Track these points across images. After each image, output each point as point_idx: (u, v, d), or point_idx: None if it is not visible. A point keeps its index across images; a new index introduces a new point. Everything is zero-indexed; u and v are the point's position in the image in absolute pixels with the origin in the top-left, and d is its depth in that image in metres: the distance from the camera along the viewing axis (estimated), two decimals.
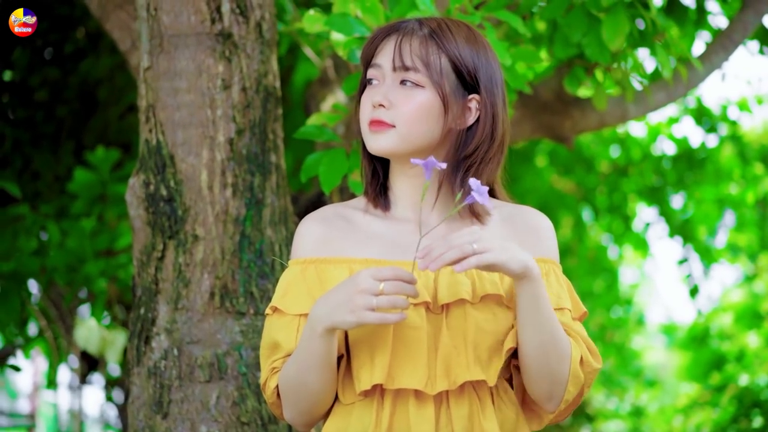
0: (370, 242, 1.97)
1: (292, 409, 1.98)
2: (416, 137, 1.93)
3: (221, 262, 2.70)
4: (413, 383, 1.88)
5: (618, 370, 11.34)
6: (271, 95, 2.84)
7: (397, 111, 1.93)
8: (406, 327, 1.88)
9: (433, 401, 1.89)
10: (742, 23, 4.00)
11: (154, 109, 2.77)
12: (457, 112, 1.96)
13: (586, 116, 4.16)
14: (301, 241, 2.01)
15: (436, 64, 1.93)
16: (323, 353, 1.88)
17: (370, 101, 1.96)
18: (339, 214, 2.03)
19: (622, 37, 3.04)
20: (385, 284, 1.79)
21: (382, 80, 1.96)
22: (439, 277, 1.92)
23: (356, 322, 1.80)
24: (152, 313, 2.71)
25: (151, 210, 2.72)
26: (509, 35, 3.24)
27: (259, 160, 2.77)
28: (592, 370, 1.98)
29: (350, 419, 1.93)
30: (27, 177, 5.57)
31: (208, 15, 2.75)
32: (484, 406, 1.92)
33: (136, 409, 2.71)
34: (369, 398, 1.92)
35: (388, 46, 1.96)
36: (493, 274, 1.93)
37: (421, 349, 1.89)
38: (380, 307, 1.78)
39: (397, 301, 1.78)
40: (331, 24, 2.73)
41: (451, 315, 1.90)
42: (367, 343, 1.90)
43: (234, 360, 2.67)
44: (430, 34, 1.95)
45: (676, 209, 7.97)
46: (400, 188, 2.02)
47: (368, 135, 1.96)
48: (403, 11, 2.72)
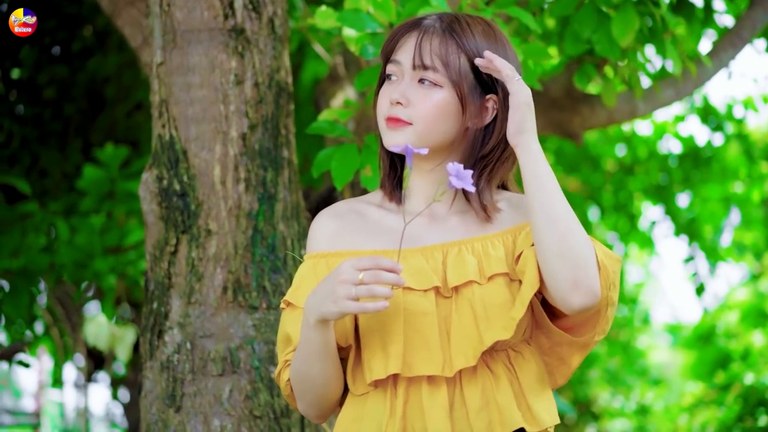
0: (381, 235, 1.99)
1: (302, 400, 2.01)
2: (433, 136, 1.95)
3: (234, 257, 2.71)
4: (430, 369, 1.89)
5: (623, 369, 11.33)
6: (284, 90, 2.85)
7: (415, 109, 1.94)
8: (416, 314, 1.90)
9: (446, 384, 1.91)
10: (750, 20, 4.01)
11: (168, 105, 2.78)
12: (475, 112, 1.97)
13: (596, 113, 4.17)
14: (314, 237, 2.04)
15: (455, 63, 1.94)
16: (320, 344, 1.90)
17: (387, 98, 1.97)
18: (352, 209, 2.05)
19: (632, 34, 3.05)
20: (365, 274, 1.80)
21: (401, 77, 1.97)
22: (447, 259, 1.94)
23: (339, 312, 1.83)
24: (165, 308, 2.72)
25: (164, 205, 2.73)
26: (519, 31, 3.25)
27: (272, 155, 2.79)
28: (615, 260, 1.95)
29: (364, 410, 1.95)
30: (35, 174, 5.59)
31: (221, 10, 2.77)
32: (497, 379, 1.92)
33: (149, 403, 2.72)
34: (382, 388, 1.93)
35: (409, 43, 1.97)
36: (498, 254, 1.94)
37: (433, 335, 1.90)
38: (359, 296, 1.80)
39: (377, 290, 1.79)
40: (343, 20, 2.74)
41: (460, 297, 1.92)
42: (378, 332, 1.92)
43: (247, 354, 2.68)
44: (450, 33, 1.96)
45: (681, 208, 7.97)
46: (415, 183, 2.03)
47: (385, 131, 1.97)
48: (414, 8, 2.73)
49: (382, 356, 1.91)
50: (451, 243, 1.96)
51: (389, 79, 2.00)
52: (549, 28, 3.72)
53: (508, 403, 1.91)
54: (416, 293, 1.91)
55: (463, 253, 1.94)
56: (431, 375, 1.90)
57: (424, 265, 1.93)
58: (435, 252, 1.95)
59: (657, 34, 3.29)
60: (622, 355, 11.29)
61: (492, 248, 1.95)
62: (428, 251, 1.95)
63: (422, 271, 1.92)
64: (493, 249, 1.95)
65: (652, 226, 8.53)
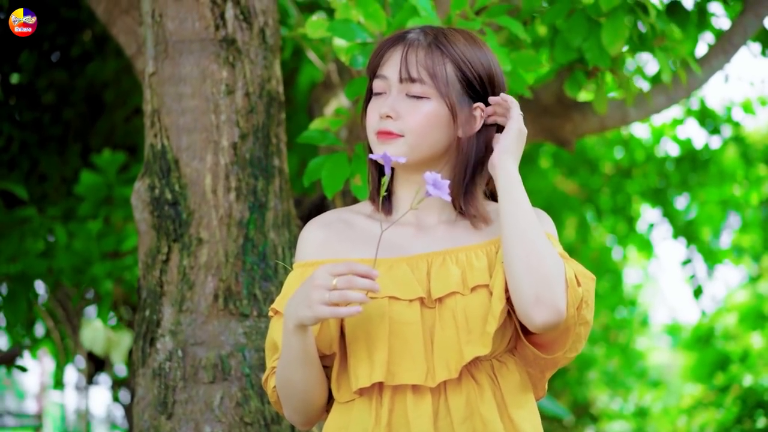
0: (368, 244, 2.01)
1: (287, 406, 2.04)
2: (424, 147, 1.98)
3: (225, 265, 2.74)
4: (413, 378, 1.92)
5: (622, 371, 11.34)
6: (275, 100, 2.88)
7: (405, 122, 1.97)
8: (402, 323, 1.93)
9: (431, 393, 1.93)
10: (742, 26, 4.03)
11: (159, 114, 2.81)
12: (464, 121, 2.00)
13: (587, 119, 4.19)
14: (303, 245, 2.07)
15: (442, 74, 1.97)
16: (299, 349, 1.93)
17: (377, 112, 2.00)
18: (341, 218, 2.08)
19: (622, 42, 3.07)
20: (339, 279, 1.83)
21: (389, 91, 2.00)
22: (431, 269, 1.96)
23: (314, 317, 1.85)
24: (157, 315, 2.75)
25: (156, 213, 2.76)
26: (510, 40, 3.27)
27: (263, 164, 2.81)
28: (589, 278, 1.97)
29: (350, 418, 1.97)
30: (34, 179, 5.61)
31: (212, 21, 2.79)
32: (482, 391, 1.95)
33: (141, 410, 2.75)
34: (367, 396, 1.96)
35: (394, 57, 2.00)
36: (481, 265, 1.97)
37: (417, 344, 1.93)
38: (333, 301, 1.83)
39: (350, 296, 1.82)
40: (334, 30, 2.76)
41: (444, 307, 1.94)
42: (364, 341, 1.95)
43: (237, 361, 2.71)
44: (435, 44, 1.99)
45: (679, 210, 7.98)
46: (404, 193, 2.06)
47: (376, 144, 2.00)
48: (404, 18, 2.75)
49: (368, 364, 1.93)
50: (436, 253, 1.98)
51: (377, 95, 2.03)
52: (540, 35, 3.74)
53: (492, 414, 1.93)
54: (402, 303, 1.94)
55: (447, 263, 1.97)
56: (416, 384, 1.93)
57: (410, 276, 1.96)
58: (420, 262, 1.97)
59: (647, 42, 3.31)
60: (620, 356, 11.30)
61: (476, 258, 1.97)
62: (413, 261, 1.98)
63: (408, 281, 1.95)
64: (476, 259, 1.97)
65: (651, 229, 8.54)
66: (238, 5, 2.82)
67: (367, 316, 1.93)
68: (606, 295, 10.00)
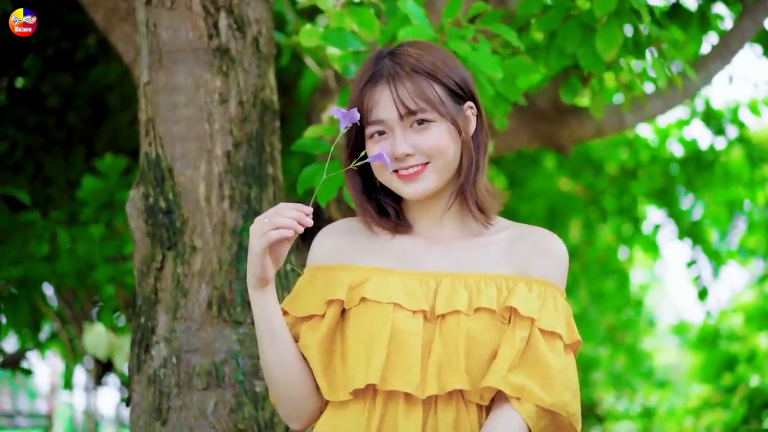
0: (377, 252, 2.10)
1: (278, 401, 2.11)
2: (447, 166, 2.06)
3: (219, 273, 2.76)
4: (404, 386, 1.97)
5: (628, 371, 11.32)
6: (268, 108, 2.90)
7: (424, 150, 2.03)
8: (403, 332, 1.99)
9: (422, 405, 1.99)
10: (740, 31, 4.03)
11: (154, 123, 2.83)
12: (464, 124, 2.08)
13: (583, 125, 4.19)
14: (313, 251, 2.17)
15: (435, 97, 2.03)
16: (260, 315, 2.02)
17: (389, 153, 2.03)
18: (351, 227, 2.18)
19: (616, 48, 3.07)
20: (267, 213, 1.96)
21: (391, 131, 2.04)
22: (439, 288, 2.02)
23: (256, 254, 1.95)
24: (152, 323, 2.77)
25: (151, 222, 2.79)
26: (505, 46, 3.28)
27: (256, 172, 2.83)
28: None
29: (343, 419, 2.03)
30: (38, 183, 5.63)
31: (205, 31, 2.81)
32: (470, 414, 2.00)
33: (136, 416, 2.77)
34: (360, 399, 2.01)
35: (384, 98, 2.04)
36: (489, 292, 2.01)
37: (415, 354, 1.98)
38: (265, 231, 1.92)
39: (277, 220, 1.92)
40: (327, 38, 2.78)
41: (445, 324, 2.00)
42: (365, 343, 2.00)
43: (231, 368, 2.73)
44: (414, 70, 2.03)
45: (685, 211, 7.97)
46: (419, 212, 2.14)
47: (401, 184, 2.06)
48: (397, 26, 2.77)
49: (365, 366, 1.99)
50: (446, 274, 2.04)
51: (380, 135, 2.06)
52: (536, 41, 3.74)
53: None
54: (406, 312, 2.00)
55: (456, 284, 2.03)
56: (408, 393, 1.98)
57: (418, 289, 2.03)
58: (429, 279, 2.04)
59: (642, 48, 3.31)
60: (627, 357, 11.28)
61: (484, 285, 2.03)
62: (423, 277, 2.04)
63: (415, 293, 2.02)
64: (485, 286, 2.03)
65: (656, 230, 8.52)
66: (232, 15, 2.84)
67: (371, 320, 2.00)
68: (612, 295, 9.99)
